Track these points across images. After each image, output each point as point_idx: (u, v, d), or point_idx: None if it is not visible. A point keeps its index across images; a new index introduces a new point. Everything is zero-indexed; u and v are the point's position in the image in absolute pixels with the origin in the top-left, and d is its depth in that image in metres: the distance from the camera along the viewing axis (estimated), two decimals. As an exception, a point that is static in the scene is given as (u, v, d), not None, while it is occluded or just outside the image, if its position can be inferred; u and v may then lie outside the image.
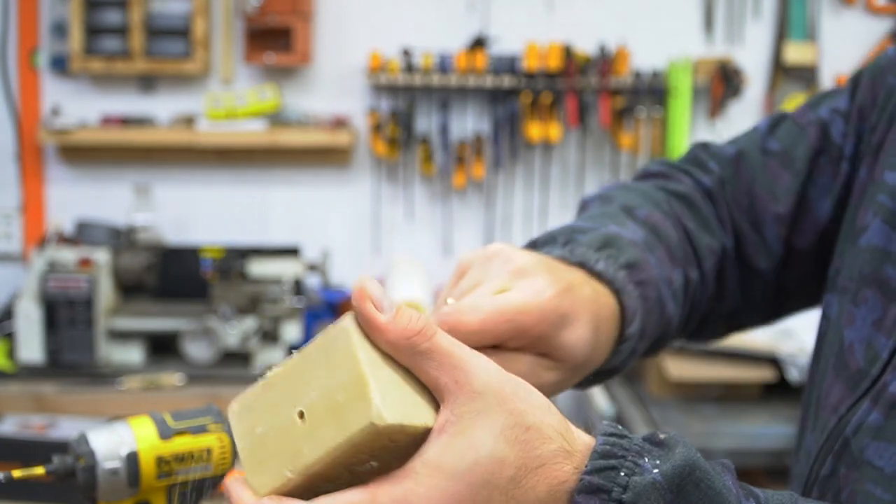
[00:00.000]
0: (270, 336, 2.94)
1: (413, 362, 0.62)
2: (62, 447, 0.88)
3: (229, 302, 2.93)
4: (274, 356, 2.92)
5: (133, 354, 2.95)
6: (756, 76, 3.38)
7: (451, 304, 0.74)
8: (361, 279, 0.62)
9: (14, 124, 3.32)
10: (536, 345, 0.76)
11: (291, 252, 3.13)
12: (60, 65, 3.28)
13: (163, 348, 2.98)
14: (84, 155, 3.36)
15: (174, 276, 3.10)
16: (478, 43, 3.27)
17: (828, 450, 0.81)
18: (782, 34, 3.36)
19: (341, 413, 0.59)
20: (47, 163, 3.39)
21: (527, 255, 0.79)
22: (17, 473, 0.84)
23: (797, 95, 3.35)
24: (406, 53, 3.26)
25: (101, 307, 2.89)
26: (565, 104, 3.27)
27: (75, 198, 3.37)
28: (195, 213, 3.40)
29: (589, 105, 3.30)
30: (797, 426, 0.95)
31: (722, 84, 3.28)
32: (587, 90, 3.28)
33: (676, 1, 3.38)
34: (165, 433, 0.88)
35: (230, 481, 0.64)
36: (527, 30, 3.31)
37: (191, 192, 3.40)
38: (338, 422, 0.59)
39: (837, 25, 3.37)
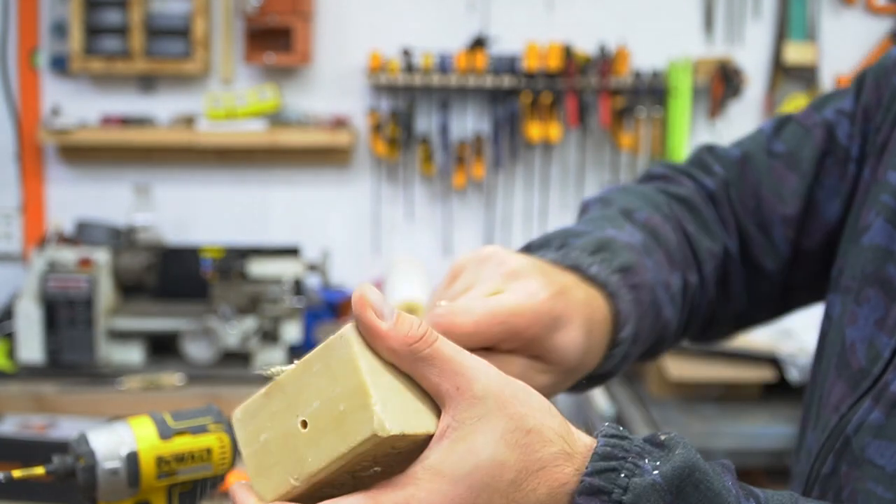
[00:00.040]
0: (270, 336, 2.93)
1: (414, 369, 0.62)
2: (62, 447, 0.88)
3: (229, 302, 2.93)
4: (274, 356, 2.92)
5: (133, 354, 2.95)
6: (756, 76, 3.38)
7: (444, 306, 0.74)
8: (361, 287, 0.63)
9: (14, 124, 3.32)
10: (529, 347, 0.77)
11: (291, 252, 3.13)
12: (60, 65, 3.28)
13: (163, 348, 2.98)
14: (84, 155, 3.36)
15: (174, 276, 3.10)
16: (478, 43, 3.27)
17: (829, 448, 0.81)
18: (782, 34, 3.36)
19: (343, 422, 0.60)
20: (47, 163, 3.39)
21: (520, 258, 0.79)
22: (17, 473, 0.84)
23: (797, 95, 3.35)
24: (406, 53, 3.26)
25: (101, 307, 2.89)
26: (565, 104, 3.27)
27: (75, 198, 3.37)
28: (195, 213, 3.40)
29: (589, 105, 3.30)
30: (798, 425, 0.95)
31: (722, 84, 3.28)
32: (587, 90, 3.28)
33: (676, 1, 3.38)
34: (165, 433, 0.88)
35: (236, 487, 0.64)
36: (527, 30, 3.31)
37: (191, 192, 3.40)
38: (340, 431, 0.60)
39: (837, 25, 3.37)
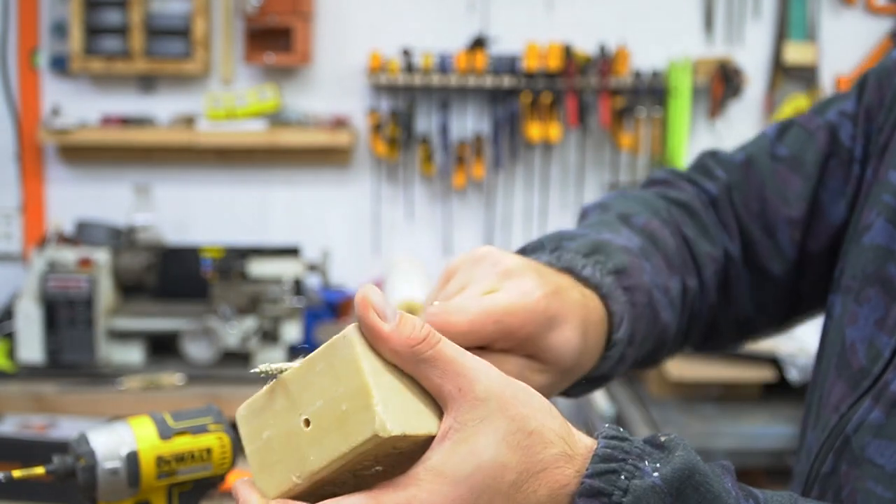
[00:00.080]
0: (270, 336, 2.93)
1: (416, 370, 0.62)
2: (62, 447, 0.88)
3: (229, 302, 2.93)
4: (274, 356, 2.92)
5: (133, 354, 2.95)
6: (756, 76, 3.37)
7: (439, 305, 0.74)
8: (364, 288, 0.63)
9: (14, 124, 3.32)
10: (524, 346, 0.77)
11: (291, 252, 3.13)
12: (60, 65, 3.28)
13: (163, 348, 2.98)
14: (84, 155, 3.36)
15: (174, 276, 3.10)
16: (478, 43, 3.27)
17: (829, 447, 0.81)
18: (782, 34, 3.36)
19: (346, 422, 0.60)
20: (47, 163, 3.39)
21: (515, 258, 0.79)
22: (17, 473, 0.84)
23: (797, 95, 3.35)
24: (406, 53, 3.26)
25: (101, 307, 2.89)
26: (565, 104, 3.27)
27: (75, 198, 3.37)
28: (195, 213, 3.40)
29: (589, 105, 3.30)
30: (799, 425, 0.95)
31: (722, 84, 3.28)
32: (587, 90, 3.28)
33: (676, 1, 3.38)
34: (165, 433, 0.88)
35: (238, 484, 0.64)
36: (527, 30, 3.31)
37: (191, 192, 3.40)
38: (342, 431, 0.60)
39: (837, 25, 3.37)
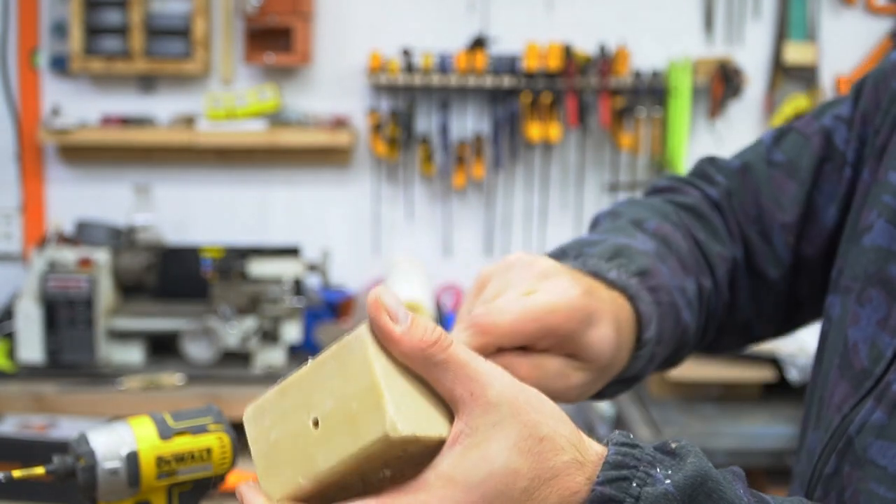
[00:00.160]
0: (270, 336, 2.93)
1: (428, 373, 0.62)
2: (62, 447, 0.87)
3: (229, 302, 2.93)
4: (274, 356, 2.92)
5: (133, 354, 2.95)
6: (756, 76, 3.37)
7: (483, 307, 0.75)
8: (377, 289, 0.62)
9: (14, 124, 3.32)
10: (564, 345, 0.77)
11: (291, 252, 3.13)
12: (60, 65, 3.28)
13: (163, 348, 2.98)
14: (84, 155, 3.36)
15: (174, 276, 3.10)
16: (478, 43, 3.27)
17: (831, 448, 0.81)
18: (782, 34, 3.36)
19: (355, 422, 0.59)
20: (47, 163, 3.39)
21: (547, 260, 0.81)
22: (17, 473, 0.84)
23: (797, 95, 3.35)
24: (406, 53, 3.25)
25: (101, 307, 2.89)
26: (565, 104, 3.27)
27: (75, 198, 3.36)
28: (195, 213, 3.40)
29: (589, 105, 3.30)
30: (799, 425, 0.95)
31: (722, 84, 3.28)
32: (587, 90, 3.28)
33: (676, 1, 3.38)
34: (165, 433, 0.87)
35: (243, 487, 0.64)
36: (527, 30, 3.31)
37: (191, 192, 3.40)
38: (352, 431, 0.59)
39: (837, 25, 3.36)
